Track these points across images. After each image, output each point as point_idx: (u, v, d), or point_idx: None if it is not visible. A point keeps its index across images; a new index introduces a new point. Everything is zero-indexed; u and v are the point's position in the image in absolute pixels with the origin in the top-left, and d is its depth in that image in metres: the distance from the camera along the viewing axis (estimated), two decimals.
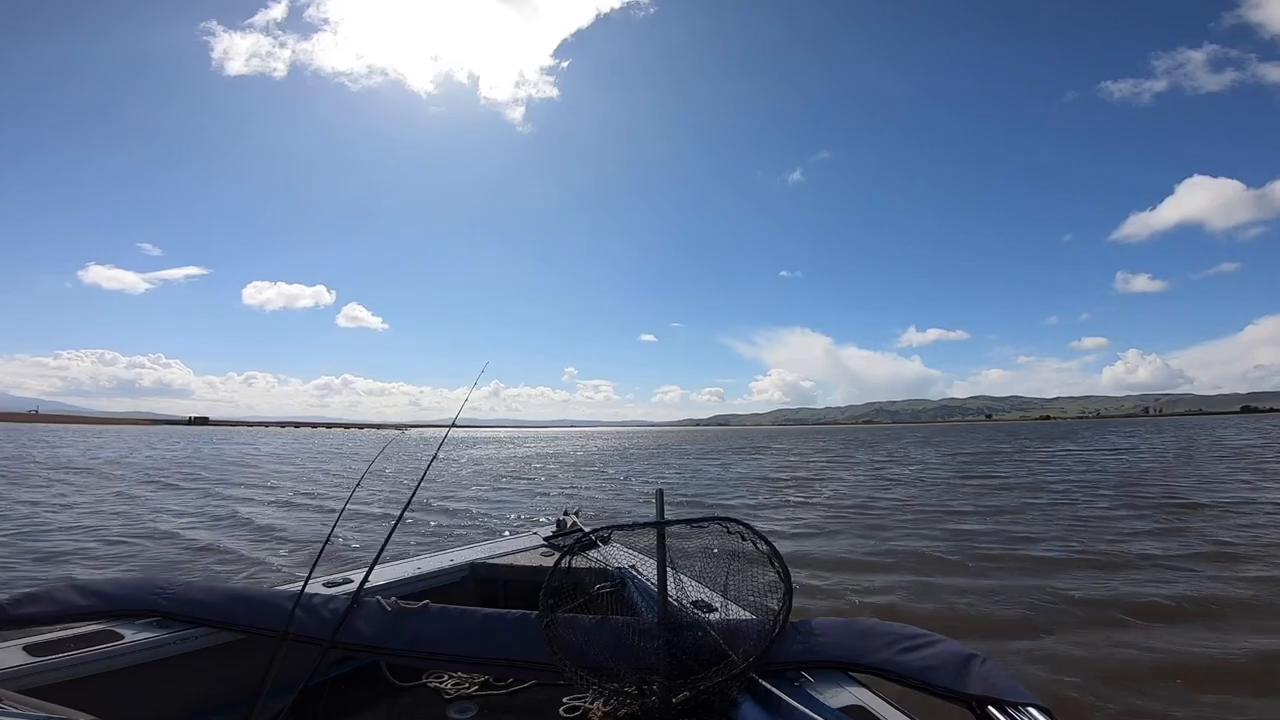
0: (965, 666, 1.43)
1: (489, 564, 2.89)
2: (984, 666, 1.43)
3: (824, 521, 8.88)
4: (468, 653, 1.88)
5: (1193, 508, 9.17)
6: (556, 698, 2.08)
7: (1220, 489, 11.37)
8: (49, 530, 7.99)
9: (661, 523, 1.88)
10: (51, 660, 1.62)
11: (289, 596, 1.96)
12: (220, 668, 1.93)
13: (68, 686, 1.60)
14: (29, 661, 1.59)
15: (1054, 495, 11.24)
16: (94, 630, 1.80)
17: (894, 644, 1.57)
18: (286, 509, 10.53)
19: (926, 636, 1.58)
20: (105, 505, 10.58)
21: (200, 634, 1.89)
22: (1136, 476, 14.21)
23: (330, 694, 2.09)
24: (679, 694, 1.62)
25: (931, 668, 1.46)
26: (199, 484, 14.56)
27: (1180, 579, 5.23)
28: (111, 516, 9.31)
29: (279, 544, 7.31)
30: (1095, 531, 7.55)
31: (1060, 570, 5.66)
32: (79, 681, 1.64)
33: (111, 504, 10.77)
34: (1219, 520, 8.09)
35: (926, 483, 14.34)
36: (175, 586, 2.01)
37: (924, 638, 1.57)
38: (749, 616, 1.77)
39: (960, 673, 1.41)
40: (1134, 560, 5.97)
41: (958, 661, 1.45)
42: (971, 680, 1.39)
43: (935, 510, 9.74)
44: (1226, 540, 6.76)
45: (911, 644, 1.55)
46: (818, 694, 1.49)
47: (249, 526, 8.61)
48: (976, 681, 1.38)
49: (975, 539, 7.27)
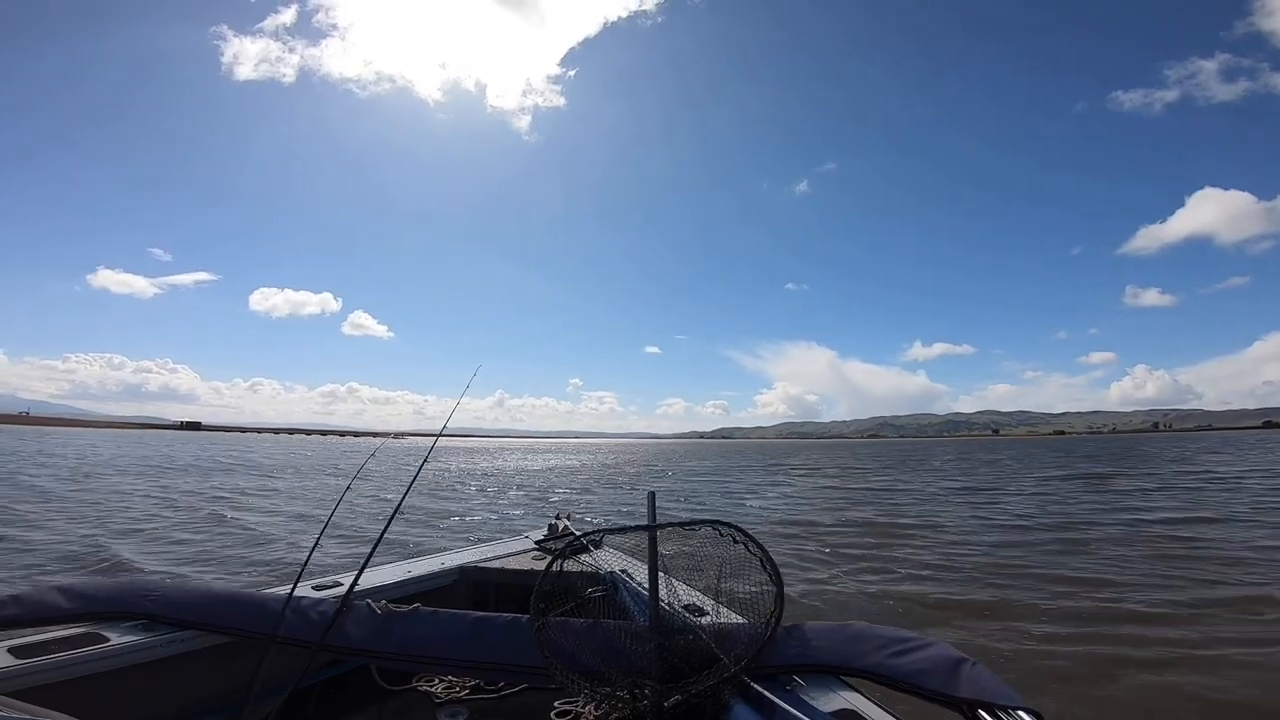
0: (956, 670, 1.44)
1: (480, 567, 2.90)
2: (974, 670, 1.44)
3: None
4: (458, 656, 1.89)
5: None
6: (548, 702, 2.09)
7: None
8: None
9: (653, 526, 1.89)
10: (36, 663, 1.61)
11: (278, 599, 1.96)
12: (208, 670, 1.93)
13: (53, 689, 1.60)
14: (13, 664, 1.59)
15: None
16: (79, 633, 1.79)
17: (885, 647, 1.58)
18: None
19: (917, 640, 1.58)
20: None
21: (187, 636, 1.89)
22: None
23: (319, 697, 2.09)
24: (670, 698, 1.62)
25: (922, 671, 1.47)
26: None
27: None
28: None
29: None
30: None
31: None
32: (64, 684, 1.64)
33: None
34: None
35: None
36: (162, 588, 2.01)
37: (915, 641, 1.58)
38: (741, 620, 1.77)
39: (951, 676, 1.42)
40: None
41: (948, 665, 1.46)
42: (962, 684, 1.40)
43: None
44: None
45: (903, 647, 1.56)
46: (809, 698, 1.49)
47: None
48: (967, 685, 1.39)
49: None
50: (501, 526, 9.97)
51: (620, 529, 2.10)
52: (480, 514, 11.74)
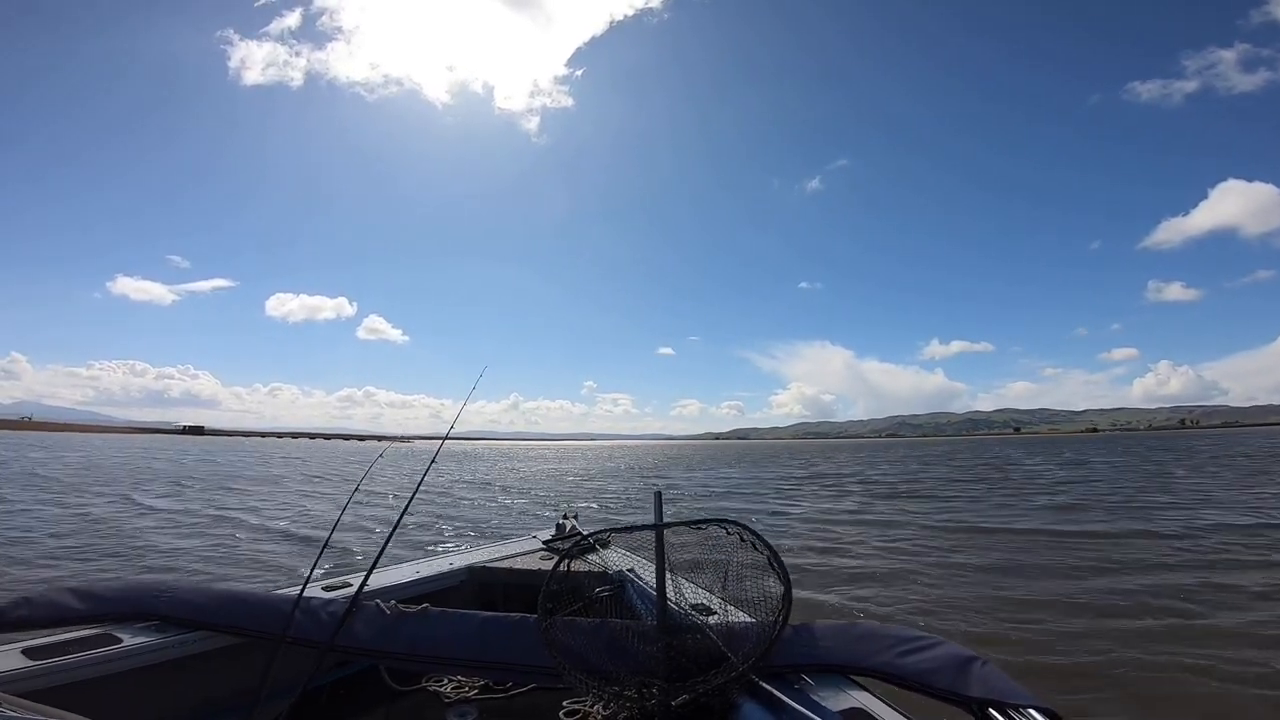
0: (965, 669, 1.44)
1: (488, 567, 2.92)
2: (984, 669, 1.43)
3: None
4: (467, 656, 1.90)
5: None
6: (556, 701, 2.10)
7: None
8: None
9: (660, 525, 1.90)
10: (49, 664, 1.64)
11: (288, 600, 1.98)
12: (219, 671, 1.95)
13: (66, 690, 1.62)
14: (27, 665, 1.61)
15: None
16: (92, 634, 1.82)
17: (894, 647, 1.58)
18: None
19: (927, 639, 1.58)
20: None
21: (199, 637, 1.92)
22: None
23: (329, 697, 2.12)
24: (678, 697, 1.63)
25: (932, 670, 1.47)
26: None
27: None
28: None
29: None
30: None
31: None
32: (77, 685, 1.66)
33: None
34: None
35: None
36: (174, 589, 2.03)
37: (924, 640, 1.57)
38: (748, 620, 1.78)
39: (960, 675, 1.42)
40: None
41: (958, 664, 1.46)
42: (972, 682, 1.39)
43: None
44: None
45: (912, 646, 1.56)
46: (818, 697, 1.49)
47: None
48: (977, 684, 1.39)
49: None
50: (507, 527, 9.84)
51: (627, 528, 2.11)
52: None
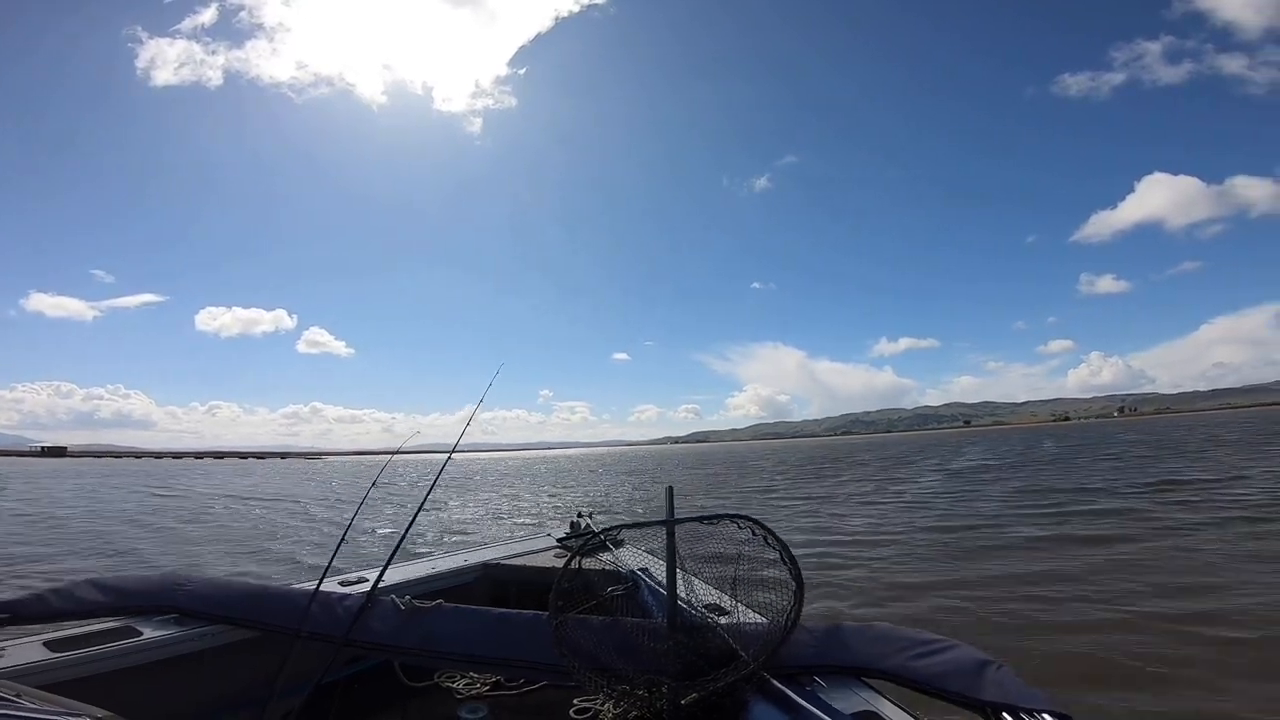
0: (980, 672, 1.44)
1: (502, 565, 3.00)
2: (1000, 672, 1.44)
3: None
4: (480, 653, 1.97)
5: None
6: (567, 699, 2.18)
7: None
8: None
9: (671, 520, 1.93)
10: (70, 656, 1.70)
11: (304, 595, 2.05)
12: (235, 665, 2.01)
13: (86, 682, 1.68)
14: (48, 657, 1.67)
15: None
16: (112, 626, 1.87)
17: (908, 649, 1.59)
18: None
19: (941, 642, 1.59)
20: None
21: (216, 631, 1.97)
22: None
23: (343, 692, 2.17)
24: (688, 695, 1.66)
25: (946, 674, 1.48)
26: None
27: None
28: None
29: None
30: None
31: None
32: (97, 678, 1.72)
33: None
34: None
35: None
36: (193, 583, 2.08)
37: (939, 643, 1.59)
38: (759, 618, 1.81)
39: (975, 679, 1.43)
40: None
41: (973, 667, 1.47)
42: (987, 686, 1.40)
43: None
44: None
45: (926, 649, 1.57)
46: (829, 698, 1.50)
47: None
48: (992, 688, 1.39)
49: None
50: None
51: (637, 524, 2.21)
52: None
